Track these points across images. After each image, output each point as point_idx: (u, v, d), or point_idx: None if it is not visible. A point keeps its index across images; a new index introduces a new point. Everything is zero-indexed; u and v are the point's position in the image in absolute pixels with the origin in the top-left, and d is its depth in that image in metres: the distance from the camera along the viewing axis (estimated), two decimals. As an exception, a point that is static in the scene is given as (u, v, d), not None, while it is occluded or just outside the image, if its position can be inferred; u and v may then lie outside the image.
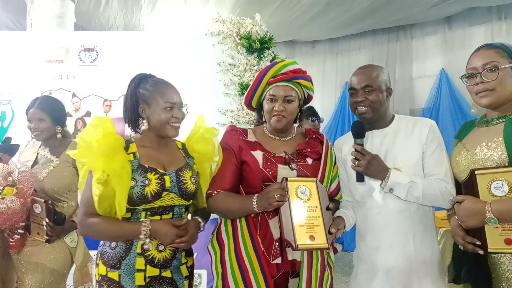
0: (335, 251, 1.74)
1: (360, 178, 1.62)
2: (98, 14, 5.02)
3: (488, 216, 1.25)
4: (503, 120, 1.41)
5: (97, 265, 1.62)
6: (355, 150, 1.61)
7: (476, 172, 1.33)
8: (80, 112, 3.50)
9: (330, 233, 1.49)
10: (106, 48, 3.56)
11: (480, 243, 1.31)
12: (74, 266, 2.16)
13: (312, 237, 1.46)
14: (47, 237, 2.00)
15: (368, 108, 1.67)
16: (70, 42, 3.59)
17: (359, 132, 1.64)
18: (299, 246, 1.43)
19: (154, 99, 1.59)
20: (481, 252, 1.31)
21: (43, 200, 2.00)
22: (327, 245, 1.47)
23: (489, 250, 1.30)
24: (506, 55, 1.40)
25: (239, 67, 3.47)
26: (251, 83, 3.35)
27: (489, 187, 1.30)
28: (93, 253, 2.35)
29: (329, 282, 1.63)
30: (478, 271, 1.39)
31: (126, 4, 4.88)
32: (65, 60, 3.56)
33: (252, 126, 3.24)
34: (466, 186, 1.38)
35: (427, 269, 1.60)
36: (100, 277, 1.59)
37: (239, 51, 3.52)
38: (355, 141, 1.64)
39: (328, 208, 1.54)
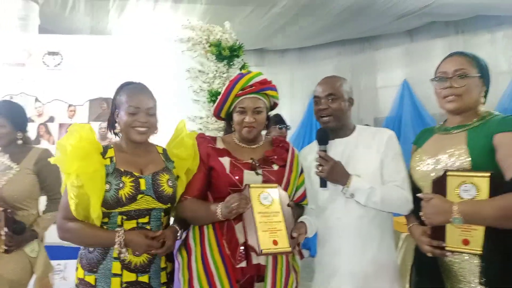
0: (301, 256, 1.78)
1: (323, 183, 1.68)
2: (64, 17, 4.90)
3: (454, 216, 1.30)
4: (465, 128, 1.48)
5: (76, 268, 1.64)
6: (319, 156, 1.67)
7: (448, 173, 1.39)
8: (43, 118, 3.39)
9: (292, 237, 1.53)
10: (72, 52, 3.48)
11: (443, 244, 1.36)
12: (34, 276, 2.09)
13: (275, 242, 1.49)
14: (5, 247, 1.94)
15: (330, 117, 1.75)
16: (33, 45, 3.48)
17: (323, 139, 1.71)
18: (262, 251, 1.46)
19: (122, 103, 1.64)
20: (438, 252, 1.38)
21: (1, 209, 1.94)
22: (289, 249, 1.50)
23: (447, 248, 1.36)
24: (476, 65, 1.48)
25: (208, 74, 3.49)
26: (220, 90, 3.39)
27: (458, 189, 1.35)
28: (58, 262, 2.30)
29: (294, 285, 1.67)
30: (432, 274, 1.46)
31: (93, 8, 4.79)
32: (27, 63, 3.44)
33: (221, 133, 3.27)
34: (435, 185, 1.43)
35: (385, 273, 1.67)
36: (78, 281, 1.61)
37: (208, 58, 3.53)
38: (319, 147, 1.70)
39: (289, 205, 1.59)
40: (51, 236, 2.29)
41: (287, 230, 1.53)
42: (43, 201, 2.21)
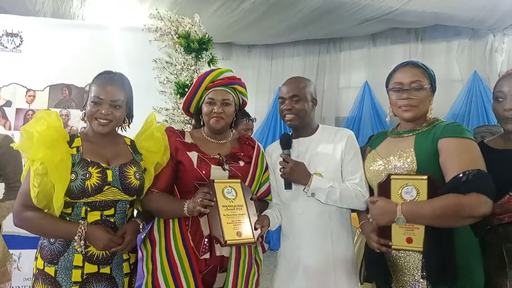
0: (264, 249, 1.86)
1: (288, 186, 1.76)
2: (24, -4, 4.66)
3: (398, 216, 1.41)
4: (414, 133, 1.60)
5: (36, 258, 1.61)
6: (282, 159, 1.75)
7: (392, 176, 1.49)
8: (-1, 101, 3.24)
9: (255, 229, 1.60)
10: (32, 34, 3.33)
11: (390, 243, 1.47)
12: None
13: (239, 233, 1.55)
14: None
15: (294, 116, 1.82)
16: (-11, 25, 3.31)
17: (286, 144, 1.80)
18: (227, 242, 1.52)
19: (91, 92, 1.64)
20: (384, 249, 1.48)
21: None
22: (253, 240, 1.58)
23: (393, 247, 1.46)
24: (427, 77, 1.59)
25: (176, 65, 3.47)
26: (188, 82, 3.39)
27: (401, 191, 1.45)
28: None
29: (255, 278, 1.74)
30: (379, 268, 1.58)
31: (56, -11, 4.59)
32: (-18, 43, 3.27)
33: (188, 126, 3.28)
34: (381, 188, 1.52)
35: (343, 266, 1.76)
36: (37, 271, 1.58)
37: (176, 50, 3.51)
38: (282, 151, 1.78)
39: (251, 199, 1.66)
40: (6, 225, 2.23)
41: (250, 222, 1.60)
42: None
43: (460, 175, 1.38)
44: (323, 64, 6.11)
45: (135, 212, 1.77)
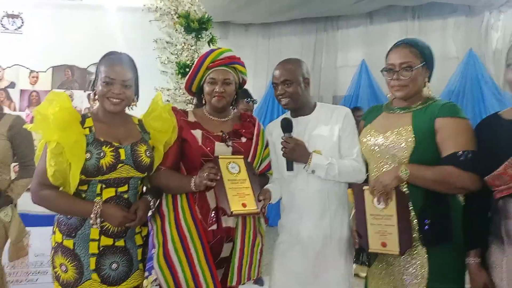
0: (266, 220, 1.97)
1: (290, 167, 1.84)
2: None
3: (402, 169, 1.55)
4: (411, 110, 1.68)
5: (54, 232, 1.70)
6: (284, 140, 1.83)
7: (364, 187, 1.65)
8: (2, 83, 3.29)
9: (259, 200, 1.71)
10: (33, 15, 3.36)
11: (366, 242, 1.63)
12: (9, 241, 2.13)
13: (244, 204, 1.66)
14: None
15: (289, 99, 1.90)
16: (-11, 6, 3.32)
17: (286, 128, 1.86)
18: (233, 212, 1.63)
19: (99, 72, 1.69)
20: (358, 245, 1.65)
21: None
22: (257, 210, 1.69)
23: (370, 250, 1.61)
24: (419, 55, 1.65)
25: (176, 45, 3.51)
26: (188, 62, 3.45)
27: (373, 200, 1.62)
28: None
29: (260, 247, 1.86)
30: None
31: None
32: (-17, 25, 3.30)
33: (190, 106, 3.35)
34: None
35: (339, 242, 1.86)
36: (55, 244, 1.67)
37: (177, 30, 3.54)
38: (284, 134, 1.85)
39: (254, 174, 1.76)
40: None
41: (254, 195, 1.71)
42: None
43: (460, 153, 1.52)
44: (320, 43, 6.11)
45: (144, 189, 1.86)
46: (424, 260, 1.57)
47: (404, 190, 1.60)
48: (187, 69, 3.43)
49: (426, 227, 1.54)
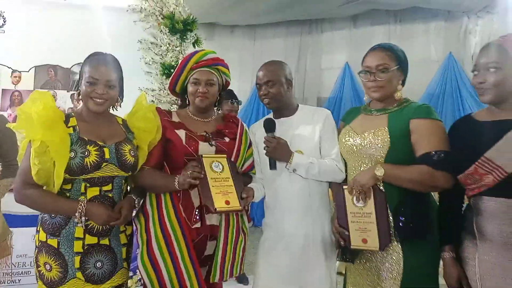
0: (249, 219, 2.01)
1: (273, 166, 1.89)
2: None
3: (378, 168, 1.61)
4: (386, 112, 1.75)
5: (38, 231, 1.70)
6: (266, 140, 1.88)
7: (344, 187, 1.71)
8: (-16, 82, 3.26)
9: (242, 198, 1.76)
10: (16, 14, 3.33)
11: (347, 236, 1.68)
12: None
13: (227, 202, 1.71)
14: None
15: (270, 100, 1.95)
16: (-29, 5, 3.28)
17: (269, 128, 1.91)
18: (217, 209, 1.67)
19: (83, 72, 1.71)
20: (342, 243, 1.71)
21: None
22: (240, 207, 1.74)
23: (352, 247, 1.67)
24: (394, 58, 1.72)
25: (161, 46, 3.52)
26: (173, 63, 3.46)
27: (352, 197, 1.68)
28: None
29: (242, 245, 1.90)
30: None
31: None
32: (-35, 24, 3.25)
33: (174, 106, 3.37)
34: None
35: (321, 240, 1.91)
36: (40, 243, 1.67)
37: (161, 31, 3.55)
38: (267, 134, 1.90)
39: (237, 173, 1.81)
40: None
41: (237, 192, 1.75)
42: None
43: (433, 153, 1.59)
44: (305, 45, 6.18)
45: (128, 188, 1.88)
46: (399, 256, 1.63)
47: (380, 188, 1.66)
48: (172, 70, 3.45)
49: (400, 223, 1.60)
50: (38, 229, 1.70)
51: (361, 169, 1.73)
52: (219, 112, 2.09)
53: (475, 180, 1.49)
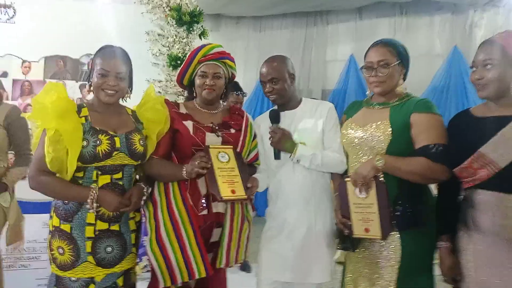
0: (253, 208, 2.09)
1: (277, 156, 1.95)
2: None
3: (377, 158, 1.67)
4: (388, 106, 1.80)
5: (51, 217, 1.77)
6: (272, 130, 1.94)
7: (346, 179, 1.76)
8: (-5, 72, 3.33)
9: (247, 188, 1.82)
10: (26, 6, 3.39)
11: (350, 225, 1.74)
12: (7, 224, 2.21)
13: (233, 191, 1.78)
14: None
15: (276, 96, 2.01)
16: (-18, -4, 3.34)
17: (274, 119, 1.97)
18: (223, 197, 1.74)
19: (95, 65, 1.77)
20: (347, 231, 1.75)
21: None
22: (245, 196, 1.81)
23: (354, 236, 1.73)
24: (395, 54, 1.77)
25: (168, 38, 3.57)
26: (180, 55, 3.51)
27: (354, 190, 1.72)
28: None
29: (247, 232, 1.98)
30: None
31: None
32: (-24, 15, 3.32)
33: (180, 97, 3.43)
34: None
35: (322, 230, 1.97)
36: (53, 228, 1.75)
37: (168, 22, 3.59)
38: (272, 125, 1.96)
39: (243, 163, 1.87)
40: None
41: (242, 182, 1.82)
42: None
43: (431, 146, 1.64)
44: (310, 37, 6.20)
45: (137, 177, 1.95)
46: (397, 245, 1.70)
47: (381, 179, 1.72)
48: (179, 62, 3.50)
49: (398, 213, 1.67)
50: (51, 215, 1.78)
51: (362, 161, 1.78)
52: (225, 104, 2.14)
53: (470, 174, 1.55)
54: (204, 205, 1.86)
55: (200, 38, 3.75)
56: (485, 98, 1.58)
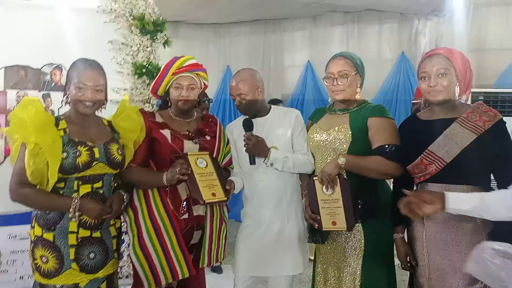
0: (228, 210, 2.22)
1: (252, 161, 2.08)
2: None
3: (340, 158, 1.85)
4: (348, 111, 2.01)
5: (32, 227, 1.80)
6: (246, 137, 2.06)
7: (314, 178, 1.90)
8: None
9: (226, 190, 1.96)
10: (-18, 14, 3.28)
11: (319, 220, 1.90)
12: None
13: (213, 194, 1.91)
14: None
15: (245, 108, 2.12)
16: None
17: (248, 127, 2.10)
18: (205, 201, 1.87)
19: (73, 77, 1.82)
20: (317, 225, 1.91)
21: None
22: (225, 198, 1.95)
23: (323, 229, 1.90)
24: (353, 65, 1.98)
25: (132, 47, 3.59)
26: (145, 63, 3.55)
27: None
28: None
29: (225, 233, 2.11)
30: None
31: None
32: None
33: (147, 105, 3.48)
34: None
35: (293, 219, 2.13)
36: (35, 238, 1.79)
37: (132, 31, 3.61)
38: (246, 132, 2.08)
39: (219, 168, 2.00)
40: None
41: (221, 185, 1.95)
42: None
43: (386, 146, 1.87)
44: (269, 44, 6.37)
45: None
46: (361, 235, 1.91)
47: (344, 177, 1.91)
48: (144, 70, 3.55)
49: (360, 206, 1.87)
50: (32, 225, 1.81)
51: (327, 161, 1.97)
52: (198, 112, 2.26)
53: (421, 170, 1.77)
54: (185, 209, 1.97)
55: (164, 46, 3.81)
56: (439, 103, 1.77)
